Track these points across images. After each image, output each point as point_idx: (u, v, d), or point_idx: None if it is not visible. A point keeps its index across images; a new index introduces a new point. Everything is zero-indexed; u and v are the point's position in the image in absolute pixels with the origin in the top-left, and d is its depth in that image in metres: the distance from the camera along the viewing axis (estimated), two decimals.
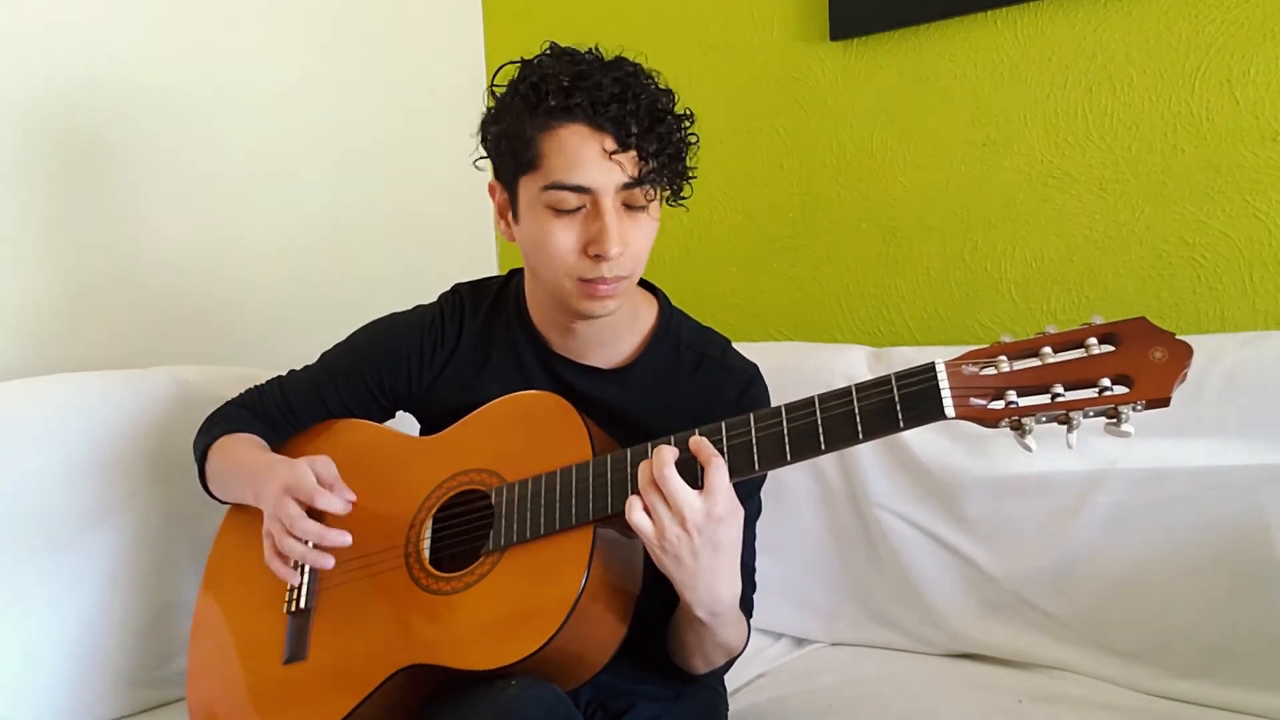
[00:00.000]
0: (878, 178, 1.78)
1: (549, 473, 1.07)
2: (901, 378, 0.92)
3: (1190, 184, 1.51)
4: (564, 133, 1.04)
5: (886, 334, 1.80)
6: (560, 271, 1.08)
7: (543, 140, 1.05)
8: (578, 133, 1.03)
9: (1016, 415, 0.87)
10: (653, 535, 0.97)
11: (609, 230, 1.04)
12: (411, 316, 1.28)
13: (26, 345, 1.57)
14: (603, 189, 1.04)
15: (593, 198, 1.05)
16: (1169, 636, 1.32)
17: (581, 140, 1.03)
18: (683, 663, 1.16)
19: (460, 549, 1.13)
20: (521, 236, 1.13)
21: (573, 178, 1.04)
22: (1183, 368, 0.84)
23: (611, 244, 1.04)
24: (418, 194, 2.13)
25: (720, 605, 1.03)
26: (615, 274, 1.07)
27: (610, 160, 1.03)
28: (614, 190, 1.05)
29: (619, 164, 1.03)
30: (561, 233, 1.06)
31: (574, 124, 1.03)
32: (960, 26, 1.68)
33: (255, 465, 1.20)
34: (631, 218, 1.07)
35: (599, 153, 1.03)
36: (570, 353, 1.20)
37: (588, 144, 1.03)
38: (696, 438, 0.99)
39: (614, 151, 1.03)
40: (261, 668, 1.17)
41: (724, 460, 0.97)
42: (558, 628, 0.98)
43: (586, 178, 1.04)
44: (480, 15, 2.27)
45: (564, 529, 1.04)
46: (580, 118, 1.03)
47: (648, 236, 1.10)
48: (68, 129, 1.62)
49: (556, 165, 1.04)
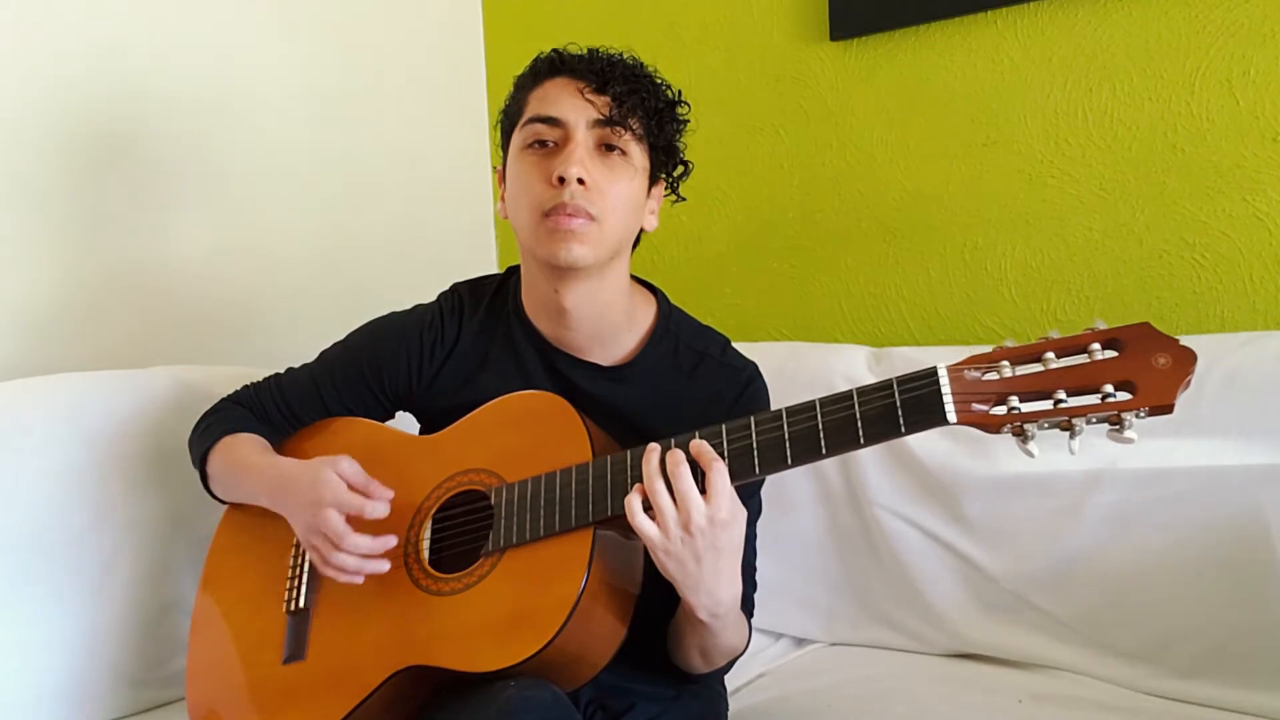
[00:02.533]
0: (878, 178, 1.78)
1: (549, 473, 1.07)
2: (903, 382, 0.92)
3: (1190, 184, 1.51)
4: (548, 84, 1.14)
5: (886, 334, 1.80)
6: (530, 209, 1.12)
7: (530, 96, 1.15)
8: (559, 83, 1.13)
9: (1019, 421, 0.87)
10: (656, 538, 0.97)
11: (572, 153, 1.09)
12: (410, 316, 1.28)
13: (29, 345, 1.57)
14: (573, 123, 1.11)
15: (564, 131, 1.11)
16: (1169, 636, 1.32)
17: (561, 87, 1.13)
18: (684, 663, 1.16)
19: (460, 550, 1.13)
20: (508, 196, 1.18)
21: (545, 109, 1.12)
22: (1186, 374, 0.84)
23: (572, 164, 1.08)
24: (418, 195, 2.13)
25: (721, 607, 1.03)
26: (577, 202, 1.09)
27: (584, 99, 1.11)
28: (585, 125, 1.11)
29: (592, 102, 1.11)
30: (534, 168, 1.12)
31: (559, 78, 1.14)
32: (960, 27, 1.68)
33: (270, 471, 1.19)
34: (605, 161, 1.12)
35: (574, 92, 1.12)
36: (569, 348, 1.20)
37: (566, 89, 1.12)
38: (697, 441, 0.99)
39: (588, 91, 1.11)
40: (260, 667, 1.17)
41: (725, 464, 0.97)
42: (557, 630, 0.98)
43: (558, 110, 1.12)
44: (480, 17, 2.27)
45: (564, 530, 1.03)
46: (565, 73, 1.13)
47: (624, 185, 1.13)
48: (72, 131, 1.62)
49: (536, 107, 1.14)
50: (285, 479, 1.16)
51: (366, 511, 1.09)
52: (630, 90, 1.11)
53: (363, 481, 1.12)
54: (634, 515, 0.97)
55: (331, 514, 1.08)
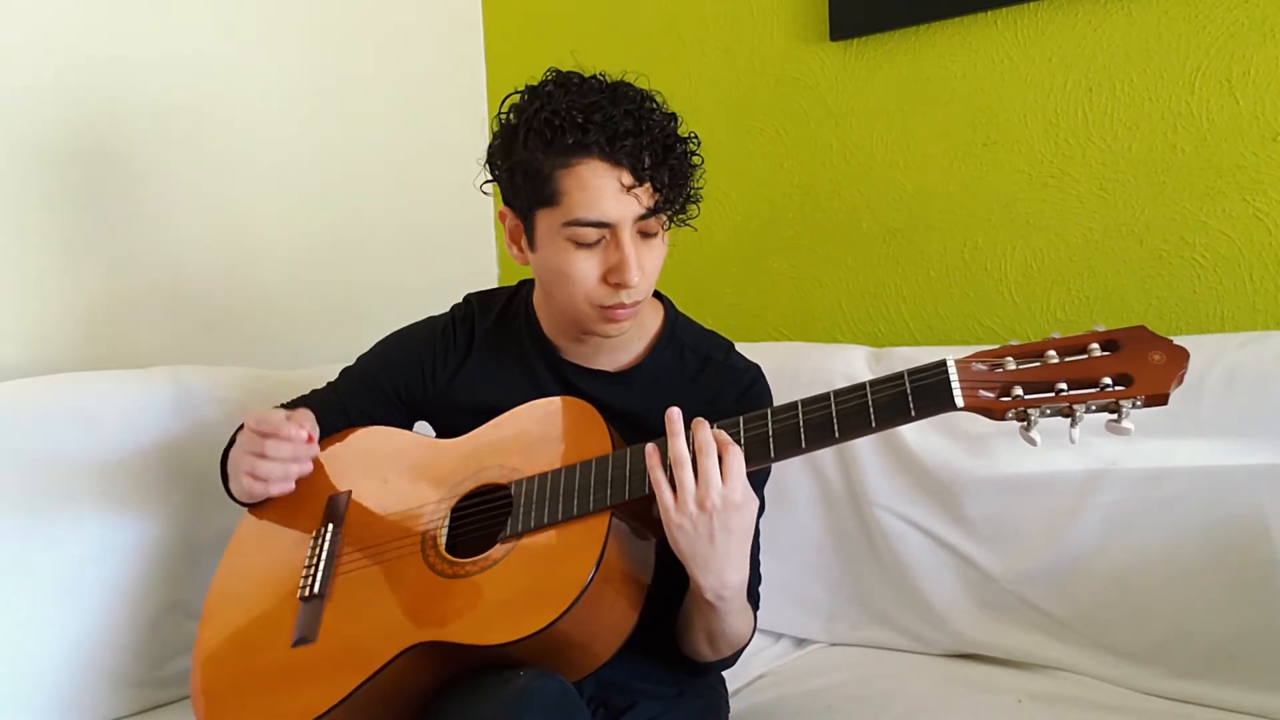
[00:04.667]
0: (878, 178, 1.78)
1: (568, 465, 1.09)
2: (914, 373, 0.97)
3: (1190, 184, 1.51)
4: (582, 169, 1.07)
5: (886, 334, 1.80)
6: (580, 299, 1.12)
7: (561, 177, 1.08)
8: (595, 169, 1.06)
9: (1023, 407, 0.92)
10: (671, 504, 1.01)
11: (628, 261, 1.08)
12: (425, 326, 1.32)
13: (32, 347, 1.57)
14: (622, 222, 1.08)
15: (613, 231, 1.09)
16: (1169, 636, 1.32)
17: (599, 176, 1.06)
18: (691, 650, 1.17)
19: (477, 537, 1.14)
20: (539, 264, 1.16)
21: (593, 214, 1.08)
22: (1180, 369, 0.89)
23: (632, 274, 1.09)
24: (419, 196, 2.13)
25: (728, 589, 1.05)
26: (633, 299, 1.12)
27: (628, 194, 1.07)
28: (631, 222, 1.09)
29: (636, 197, 1.07)
30: (583, 264, 1.10)
31: (591, 160, 1.06)
32: (960, 26, 1.68)
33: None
34: (646, 243, 1.12)
35: (617, 188, 1.07)
36: (578, 358, 1.23)
37: (606, 180, 1.06)
38: (715, 430, 1.02)
39: (631, 186, 1.07)
40: (269, 650, 1.16)
41: (741, 449, 1.01)
42: (569, 605, 0.99)
43: (607, 213, 1.07)
44: (480, 21, 2.27)
45: (581, 514, 1.05)
46: (596, 153, 1.06)
47: (660, 258, 1.15)
48: (76, 136, 1.62)
49: (577, 202, 1.08)
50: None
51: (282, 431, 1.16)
52: (662, 162, 1.08)
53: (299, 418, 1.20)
54: (654, 469, 1.01)
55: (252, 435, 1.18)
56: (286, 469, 1.18)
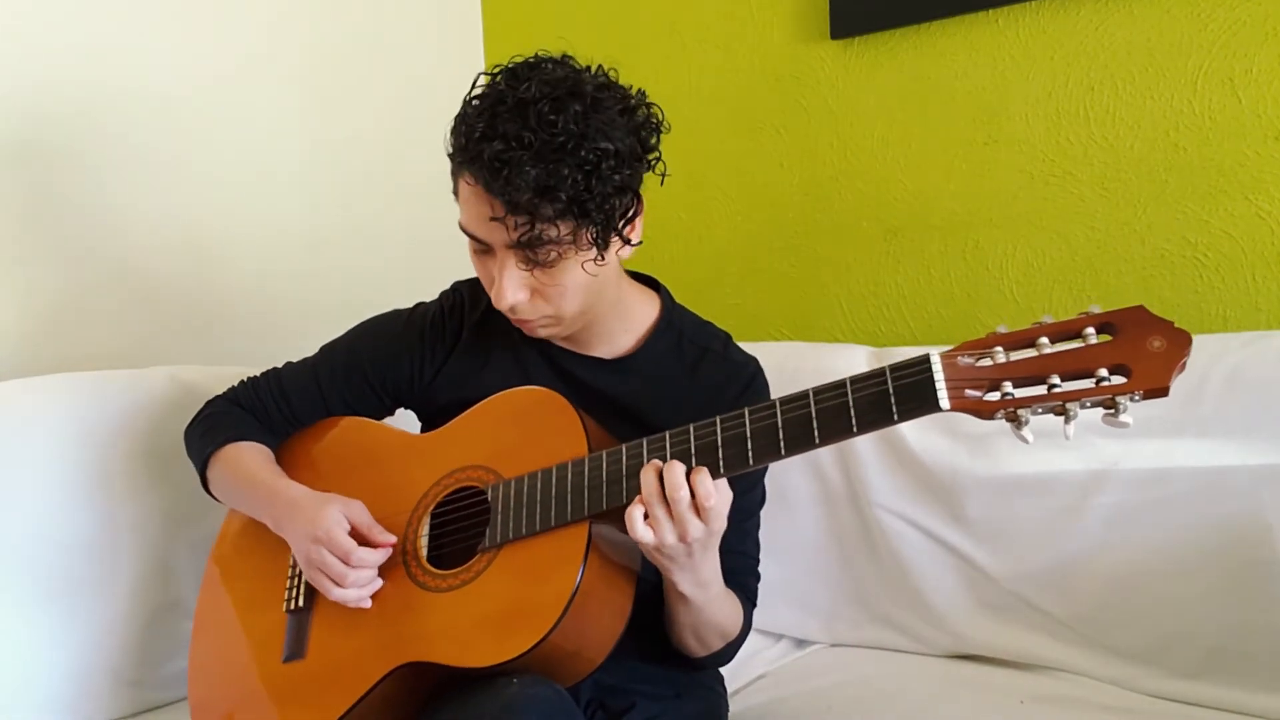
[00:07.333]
0: (878, 177, 1.78)
1: (545, 469, 1.07)
2: (896, 370, 0.92)
3: (1192, 183, 1.50)
4: (464, 183, 1.05)
5: (887, 334, 1.80)
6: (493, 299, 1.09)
7: (457, 179, 1.07)
8: (473, 189, 1.04)
9: (1012, 407, 0.87)
10: (652, 544, 0.99)
11: (498, 283, 1.06)
12: (412, 313, 1.29)
13: (23, 345, 1.57)
14: (496, 244, 1.05)
15: (490, 248, 1.07)
16: (1169, 636, 1.31)
17: (475, 197, 1.04)
18: (678, 643, 1.16)
19: (457, 546, 1.13)
20: None
21: (471, 228, 1.07)
22: (1182, 356, 0.83)
23: (501, 299, 1.06)
24: (417, 193, 2.12)
25: (703, 583, 1.06)
26: (527, 317, 1.09)
27: (498, 223, 1.01)
28: (503, 246, 1.04)
29: (504, 227, 1.01)
30: (482, 268, 1.10)
31: (470, 178, 1.03)
32: (961, 25, 1.67)
33: (276, 494, 1.19)
34: (547, 271, 1.05)
35: (487, 214, 1.02)
36: (570, 344, 1.21)
37: (479, 203, 1.03)
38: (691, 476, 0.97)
39: (495, 218, 1.01)
40: (262, 666, 1.18)
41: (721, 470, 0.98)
42: (553, 624, 0.98)
43: (480, 233, 1.06)
44: (480, 18, 2.26)
45: (560, 525, 1.04)
46: (470, 169, 1.02)
47: (570, 275, 1.06)
48: (61, 129, 1.61)
49: (463, 210, 1.08)
50: (291, 507, 1.16)
51: (353, 559, 1.09)
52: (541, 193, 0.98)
53: (366, 524, 1.13)
54: (634, 527, 0.98)
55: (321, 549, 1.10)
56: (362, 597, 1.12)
